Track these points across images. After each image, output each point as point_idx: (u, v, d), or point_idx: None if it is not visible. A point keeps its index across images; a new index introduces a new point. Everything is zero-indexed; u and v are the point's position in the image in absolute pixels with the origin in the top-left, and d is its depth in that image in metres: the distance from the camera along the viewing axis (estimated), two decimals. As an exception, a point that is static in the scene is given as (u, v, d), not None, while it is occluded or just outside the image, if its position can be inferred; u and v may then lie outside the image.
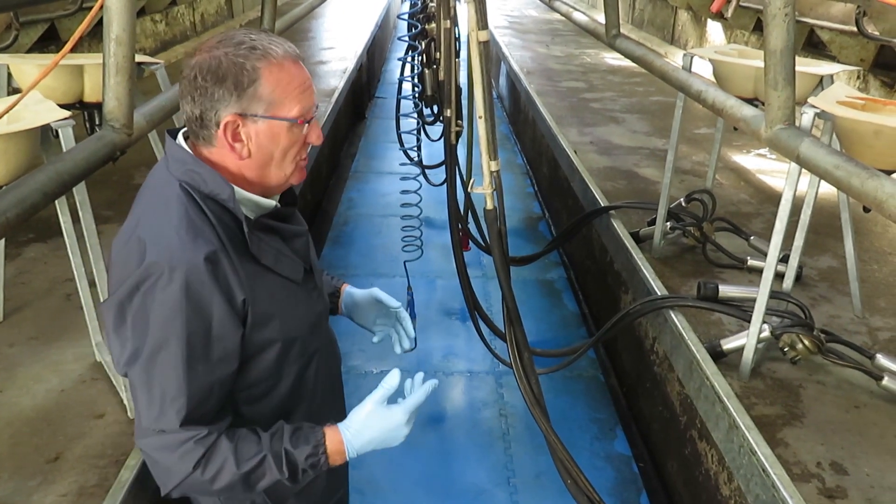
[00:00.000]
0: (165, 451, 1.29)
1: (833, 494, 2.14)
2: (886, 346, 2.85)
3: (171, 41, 8.03)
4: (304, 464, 1.35)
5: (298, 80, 1.30)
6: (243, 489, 1.33)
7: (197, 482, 1.30)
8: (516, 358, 2.34)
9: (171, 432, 1.28)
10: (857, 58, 5.29)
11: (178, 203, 1.27)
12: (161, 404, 1.27)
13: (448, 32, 2.79)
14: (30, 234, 3.50)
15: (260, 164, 1.31)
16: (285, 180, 1.36)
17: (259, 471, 1.32)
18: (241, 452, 1.31)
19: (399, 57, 3.06)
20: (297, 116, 1.30)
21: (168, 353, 1.24)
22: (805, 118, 2.41)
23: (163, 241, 1.24)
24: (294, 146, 1.33)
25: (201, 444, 1.28)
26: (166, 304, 1.22)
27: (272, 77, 1.26)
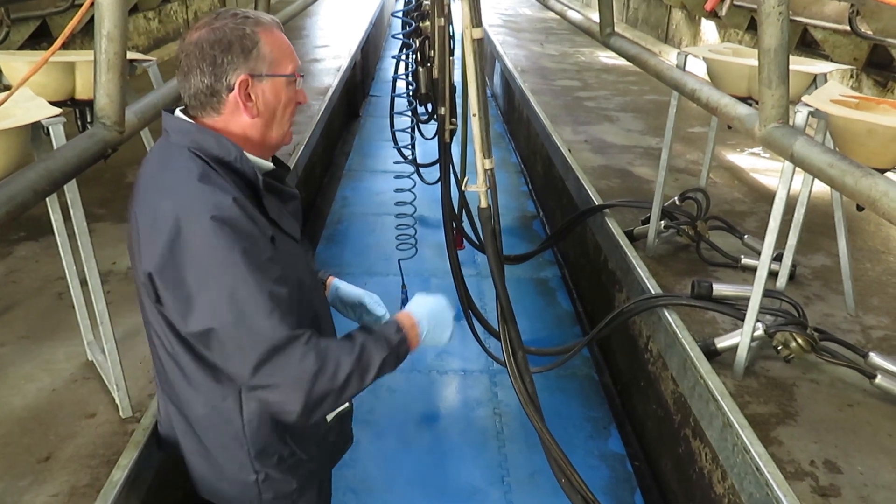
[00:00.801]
0: (284, 367, 1.36)
1: (826, 493, 2.14)
2: (880, 345, 2.86)
3: (163, 39, 8.00)
4: (396, 338, 1.52)
5: (287, 43, 1.48)
6: (358, 380, 1.44)
7: (323, 385, 1.38)
8: (510, 356, 2.34)
9: (281, 345, 1.35)
10: (851, 57, 5.30)
11: (191, 163, 1.39)
12: (258, 323, 1.34)
13: (442, 30, 2.78)
14: (21, 233, 3.48)
15: (265, 122, 1.47)
16: (281, 139, 1.52)
17: (366, 354, 1.45)
18: (343, 346, 1.44)
19: (393, 55, 3.06)
20: (293, 72, 1.47)
21: (236, 279, 1.32)
22: (799, 117, 2.41)
23: (187, 196, 1.35)
24: (290, 103, 1.49)
25: (311, 347, 1.38)
26: (211, 243, 1.32)
27: (269, 39, 1.43)
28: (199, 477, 1.69)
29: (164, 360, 1.55)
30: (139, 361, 2.56)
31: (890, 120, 2.34)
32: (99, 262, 2.12)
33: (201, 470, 1.66)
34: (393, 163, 3.57)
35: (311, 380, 1.37)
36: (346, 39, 9.28)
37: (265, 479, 1.62)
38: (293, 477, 1.66)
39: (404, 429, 3.49)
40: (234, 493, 1.66)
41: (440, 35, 2.78)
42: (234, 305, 1.33)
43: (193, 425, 1.60)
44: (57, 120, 1.94)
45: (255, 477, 1.62)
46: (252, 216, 1.39)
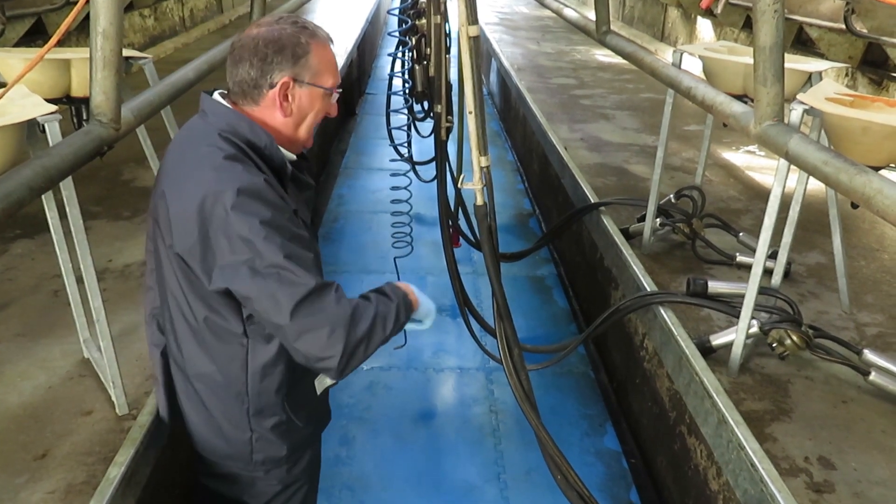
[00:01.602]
0: (321, 310, 1.44)
1: (821, 489, 2.15)
2: (874, 342, 2.87)
3: (159, 36, 7.98)
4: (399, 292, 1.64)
5: (334, 60, 1.63)
6: (381, 328, 1.54)
7: (357, 330, 1.48)
8: (506, 354, 2.34)
9: (316, 290, 1.44)
10: (846, 55, 5.32)
11: (223, 144, 1.49)
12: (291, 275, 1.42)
13: (438, 28, 2.78)
14: (17, 230, 3.47)
15: (296, 122, 1.60)
16: (306, 141, 1.65)
17: (381, 304, 1.57)
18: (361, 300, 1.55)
19: (389, 53, 3.05)
20: (332, 87, 1.61)
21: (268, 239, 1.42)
22: (794, 115, 2.41)
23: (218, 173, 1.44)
24: (321, 112, 1.63)
25: (342, 295, 1.48)
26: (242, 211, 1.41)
27: (319, 53, 1.57)
28: (198, 433, 1.77)
29: (175, 318, 1.64)
30: (135, 359, 2.56)
31: (884, 118, 2.35)
32: (95, 259, 2.12)
33: (201, 427, 1.75)
34: (389, 160, 3.56)
35: (348, 323, 1.46)
36: (343, 37, 9.27)
37: (259, 439, 1.72)
38: (284, 443, 1.75)
39: (400, 426, 3.49)
40: (229, 450, 1.75)
41: (436, 33, 2.78)
42: (267, 263, 1.42)
43: (194, 382, 1.69)
44: (53, 117, 1.94)
45: (250, 435, 1.71)
46: (281, 196, 1.50)
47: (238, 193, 1.42)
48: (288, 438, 1.77)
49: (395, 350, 3.82)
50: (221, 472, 1.81)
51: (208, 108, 1.58)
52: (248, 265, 1.42)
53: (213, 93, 1.61)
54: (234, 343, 1.61)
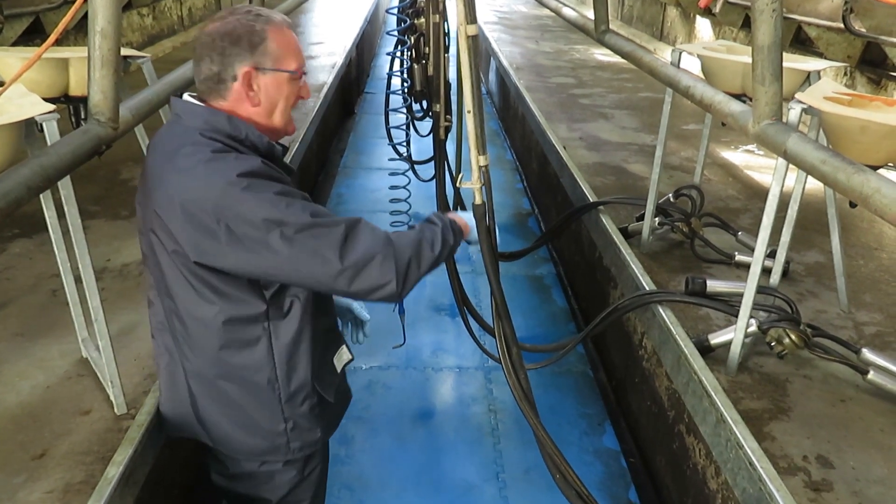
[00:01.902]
0: (363, 241, 1.50)
1: (819, 487, 2.15)
2: (872, 341, 2.87)
3: (158, 35, 7.97)
4: (445, 216, 1.74)
5: (295, 42, 1.61)
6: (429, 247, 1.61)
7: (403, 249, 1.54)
8: (505, 353, 2.34)
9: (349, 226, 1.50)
10: (844, 54, 5.32)
11: (205, 142, 1.50)
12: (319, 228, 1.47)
13: (437, 27, 2.78)
14: (15, 230, 3.47)
15: (268, 111, 1.59)
16: (284, 128, 1.65)
17: (426, 228, 1.66)
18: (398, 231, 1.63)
19: (388, 52, 3.05)
20: (296, 69, 1.59)
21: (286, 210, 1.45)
22: (792, 114, 2.41)
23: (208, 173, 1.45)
24: (291, 96, 1.62)
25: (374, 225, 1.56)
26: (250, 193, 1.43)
27: (276, 37, 1.55)
28: (223, 436, 1.76)
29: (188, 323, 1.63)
30: (134, 358, 2.56)
31: (883, 117, 2.35)
32: (93, 258, 2.12)
33: (230, 429, 1.74)
34: (388, 160, 3.57)
35: (390, 246, 1.51)
36: (341, 36, 9.27)
37: (293, 427, 1.74)
38: (318, 425, 1.79)
39: (399, 425, 3.49)
40: (265, 445, 1.76)
41: (435, 32, 2.78)
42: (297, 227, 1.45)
43: (221, 384, 1.68)
44: (51, 116, 1.94)
45: (285, 426, 1.73)
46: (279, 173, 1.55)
47: (242, 178, 1.45)
48: (321, 420, 1.80)
49: (394, 349, 3.82)
50: (240, 472, 1.82)
51: (181, 110, 1.59)
52: (281, 238, 1.45)
53: (181, 95, 1.64)
54: (257, 329, 1.62)
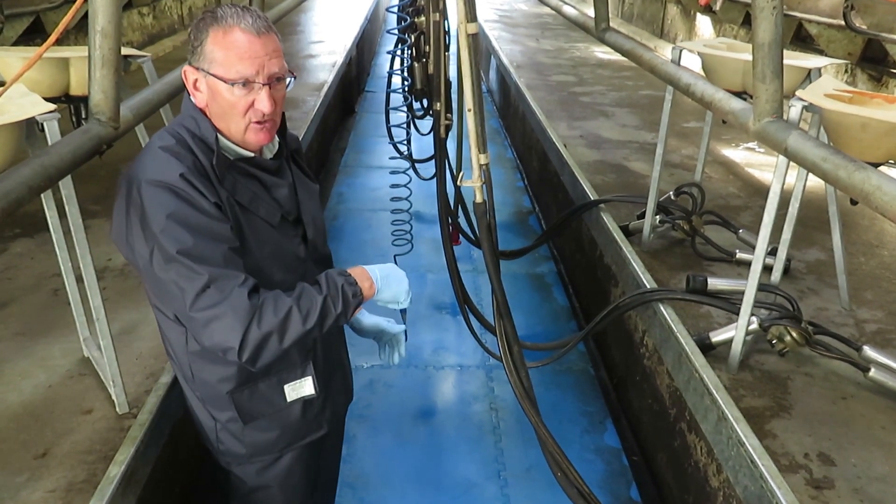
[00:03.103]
0: (221, 299, 1.41)
1: (820, 485, 2.15)
2: (873, 338, 2.87)
3: (158, 35, 7.97)
4: (340, 279, 1.57)
5: (243, 48, 1.44)
6: (300, 319, 1.47)
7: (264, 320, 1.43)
8: (506, 352, 2.34)
9: (216, 278, 1.41)
10: (845, 51, 5.31)
11: (168, 138, 1.50)
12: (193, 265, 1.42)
13: (437, 25, 2.78)
14: (16, 230, 3.47)
15: (217, 114, 1.52)
16: (243, 136, 1.53)
17: (305, 296, 1.50)
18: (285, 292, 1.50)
19: (388, 50, 3.05)
20: (232, 79, 1.45)
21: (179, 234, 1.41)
22: (793, 111, 2.41)
23: (147, 167, 1.46)
24: (238, 106, 1.48)
25: (249, 285, 1.44)
26: (164, 207, 1.41)
27: (216, 39, 1.44)
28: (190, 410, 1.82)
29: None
30: (135, 357, 2.56)
31: (883, 114, 2.35)
32: (94, 258, 2.12)
33: (190, 402, 1.80)
34: (388, 158, 3.56)
35: (249, 315, 1.42)
36: (342, 35, 9.26)
37: (221, 429, 1.74)
38: (241, 441, 1.75)
39: (401, 424, 3.49)
40: (203, 434, 1.80)
41: (435, 30, 2.77)
42: (166, 255, 1.42)
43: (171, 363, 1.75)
44: (51, 116, 1.94)
45: (214, 424, 1.74)
46: (198, 187, 1.45)
47: (151, 183, 1.43)
48: (244, 438, 1.75)
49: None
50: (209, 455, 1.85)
51: (182, 104, 1.60)
52: (154, 255, 1.43)
53: None
54: (179, 325, 1.62)
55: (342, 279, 1.58)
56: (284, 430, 1.79)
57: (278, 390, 1.72)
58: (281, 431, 1.78)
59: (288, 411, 1.77)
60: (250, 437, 1.76)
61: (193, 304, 1.42)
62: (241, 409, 1.71)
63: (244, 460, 1.79)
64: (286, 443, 1.82)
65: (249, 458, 1.79)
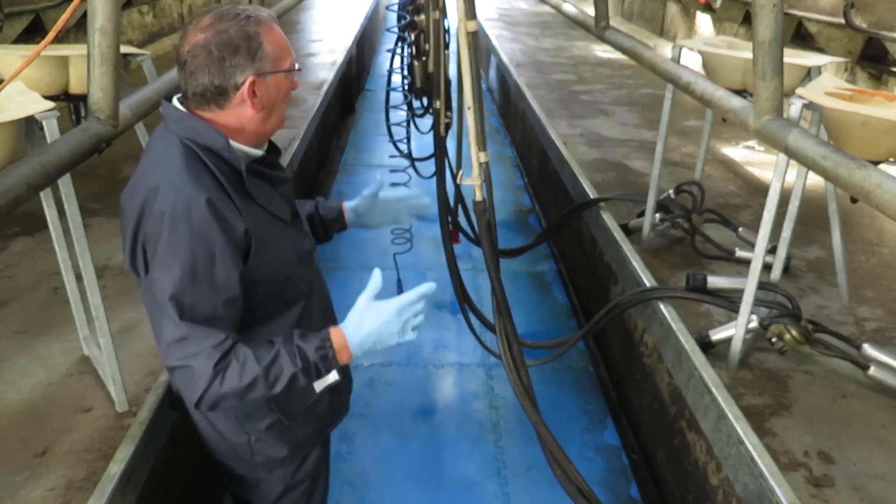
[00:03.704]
0: (189, 357, 1.41)
1: (820, 483, 2.15)
2: (873, 337, 2.87)
3: (158, 33, 7.96)
4: (315, 356, 1.49)
5: (284, 38, 1.54)
6: (265, 387, 1.46)
7: (227, 383, 1.42)
8: (506, 350, 2.34)
9: (189, 336, 1.41)
10: (845, 50, 5.31)
11: (178, 154, 1.45)
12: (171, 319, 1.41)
13: (437, 24, 2.78)
14: (16, 228, 3.47)
15: (267, 114, 1.54)
16: (277, 125, 1.59)
17: (276, 365, 1.46)
18: (259, 352, 1.46)
19: (388, 49, 3.04)
20: (291, 66, 1.54)
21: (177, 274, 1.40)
22: (793, 109, 2.41)
23: (170, 186, 1.42)
24: (288, 94, 1.57)
25: (219, 349, 1.42)
26: (175, 236, 1.40)
27: (270, 38, 1.49)
28: (204, 435, 1.79)
29: None
30: (135, 356, 2.56)
31: (884, 112, 2.35)
32: (94, 256, 2.12)
33: (205, 429, 1.77)
34: (388, 157, 3.56)
35: (211, 376, 1.42)
36: (342, 33, 9.26)
37: (257, 440, 1.74)
38: (283, 443, 1.77)
39: (401, 422, 3.49)
40: (231, 453, 1.77)
41: (435, 28, 2.77)
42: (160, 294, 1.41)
43: None
44: (50, 114, 1.94)
45: (248, 438, 1.73)
46: (223, 214, 1.44)
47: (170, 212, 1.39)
48: (286, 439, 1.77)
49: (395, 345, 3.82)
50: (231, 474, 1.83)
51: (168, 114, 1.52)
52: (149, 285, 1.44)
53: (171, 98, 1.55)
54: None
55: (318, 354, 1.50)
56: (318, 422, 1.84)
57: (309, 389, 1.73)
58: (315, 423, 1.83)
59: (319, 402, 1.80)
60: (291, 435, 1.78)
61: (167, 350, 1.44)
62: (284, 411, 1.72)
63: (284, 462, 1.81)
64: (320, 433, 1.88)
65: (290, 458, 1.81)
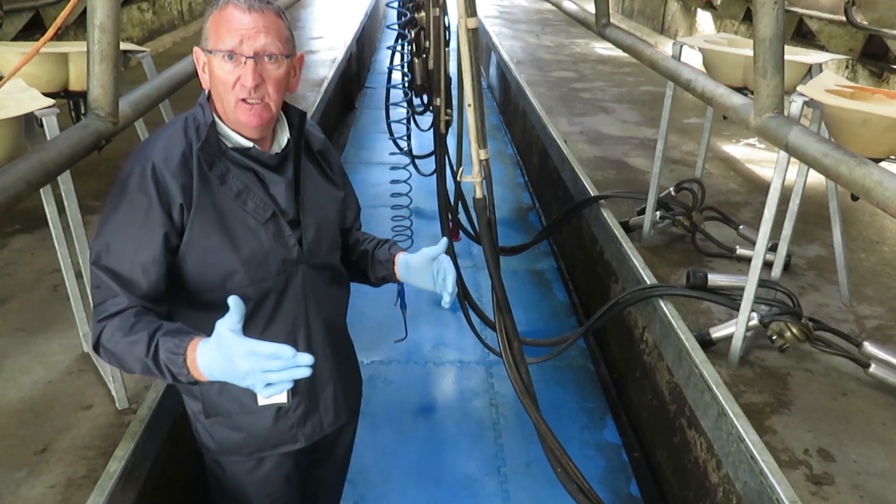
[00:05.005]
0: (97, 306, 1.47)
1: (820, 481, 2.15)
2: (874, 334, 2.87)
3: (158, 30, 7.96)
4: (164, 356, 1.37)
5: (230, 21, 1.45)
6: (130, 359, 1.42)
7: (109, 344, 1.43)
8: (506, 347, 2.34)
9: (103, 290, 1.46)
10: (846, 47, 5.31)
11: (169, 125, 1.55)
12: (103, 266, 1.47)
13: (437, 21, 2.78)
14: (16, 225, 3.47)
15: (216, 95, 1.52)
16: (234, 116, 1.51)
17: (137, 346, 1.40)
18: (138, 326, 1.42)
19: (389, 46, 3.04)
20: (220, 50, 1.45)
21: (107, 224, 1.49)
22: (794, 107, 2.41)
23: (136, 152, 1.52)
24: (228, 81, 1.47)
25: (114, 304, 1.45)
26: (118, 191, 1.50)
27: (215, 16, 1.47)
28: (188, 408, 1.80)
29: None
30: (135, 353, 2.56)
31: (885, 110, 2.35)
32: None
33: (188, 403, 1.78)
34: (389, 154, 3.56)
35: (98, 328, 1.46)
36: (342, 30, 9.25)
37: (195, 420, 1.75)
38: (210, 437, 1.73)
39: (401, 420, 3.49)
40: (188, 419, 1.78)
41: (435, 26, 2.77)
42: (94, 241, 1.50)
43: None
44: (50, 111, 1.94)
45: (193, 413, 1.75)
46: (164, 183, 1.47)
47: (125, 172, 1.49)
48: (212, 433, 1.72)
49: (395, 343, 3.83)
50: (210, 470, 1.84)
51: None
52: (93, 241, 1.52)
53: None
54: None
55: (167, 356, 1.37)
56: (253, 435, 1.72)
57: (250, 392, 1.45)
58: (248, 434, 1.72)
59: (258, 415, 1.69)
60: (218, 433, 1.71)
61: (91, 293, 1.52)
62: (207, 402, 1.67)
63: (217, 456, 1.76)
64: (255, 448, 1.74)
65: (221, 454, 1.75)
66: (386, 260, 1.87)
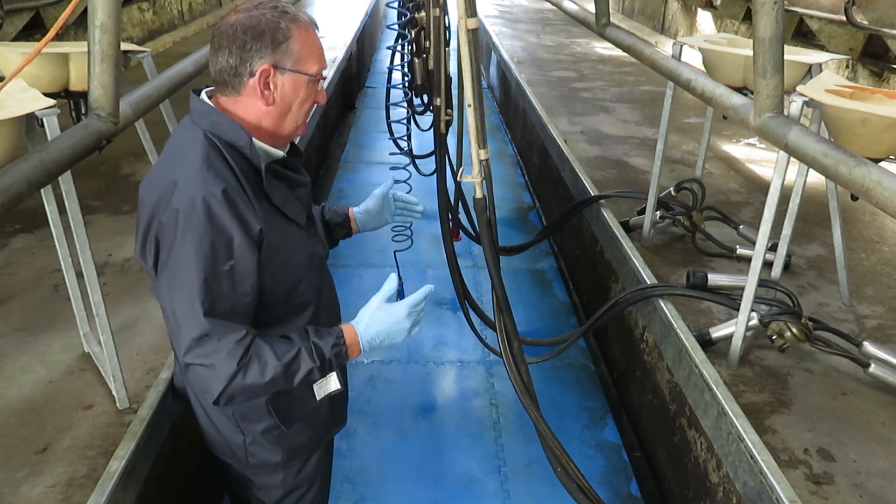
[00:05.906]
0: (212, 353, 1.43)
1: (820, 480, 2.16)
2: (873, 334, 2.87)
3: (158, 30, 7.96)
4: (331, 353, 1.54)
5: (318, 44, 1.55)
6: (284, 381, 1.50)
7: (249, 378, 1.45)
8: (506, 347, 2.34)
9: (212, 333, 1.42)
10: (846, 47, 5.31)
11: (200, 148, 1.46)
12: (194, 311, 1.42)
13: (438, 21, 2.77)
14: (16, 225, 3.47)
15: (280, 112, 1.52)
16: (294, 130, 1.57)
17: (296, 362, 1.50)
18: (278, 349, 1.49)
19: (389, 45, 3.04)
20: (316, 73, 1.53)
21: (196, 268, 1.41)
22: (794, 106, 2.41)
23: (188, 179, 1.42)
24: (308, 100, 1.55)
25: (241, 345, 1.44)
26: (192, 230, 1.40)
27: (300, 37, 1.49)
28: (203, 429, 1.79)
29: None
30: (136, 353, 2.56)
31: (884, 109, 2.35)
32: (94, 253, 2.12)
33: (204, 423, 1.77)
34: (388, 154, 3.56)
35: (234, 372, 1.43)
36: (342, 30, 9.25)
37: (252, 442, 1.73)
38: (278, 448, 1.76)
39: (401, 419, 3.50)
40: (228, 451, 1.77)
41: (436, 26, 2.77)
42: (177, 289, 1.43)
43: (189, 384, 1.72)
44: (51, 111, 1.94)
45: (244, 439, 1.73)
46: (240, 209, 1.44)
47: (187, 207, 1.39)
48: (281, 444, 1.76)
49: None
50: (230, 473, 1.84)
51: (194, 107, 1.53)
52: (165, 280, 1.44)
53: (200, 91, 1.56)
54: None
55: (333, 351, 1.55)
56: (316, 429, 1.82)
57: (308, 391, 1.70)
58: (313, 430, 1.82)
59: (318, 410, 1.79)
60: (287, 441, 1.77)
61: (188, 347, 1.43)
62: (282, 415, 1.71)
63: (278, 468, 1.80)
64: (317, 441, 1.86)
65: (285, 463, 1.80)
66: (343, 220, 2.07)
